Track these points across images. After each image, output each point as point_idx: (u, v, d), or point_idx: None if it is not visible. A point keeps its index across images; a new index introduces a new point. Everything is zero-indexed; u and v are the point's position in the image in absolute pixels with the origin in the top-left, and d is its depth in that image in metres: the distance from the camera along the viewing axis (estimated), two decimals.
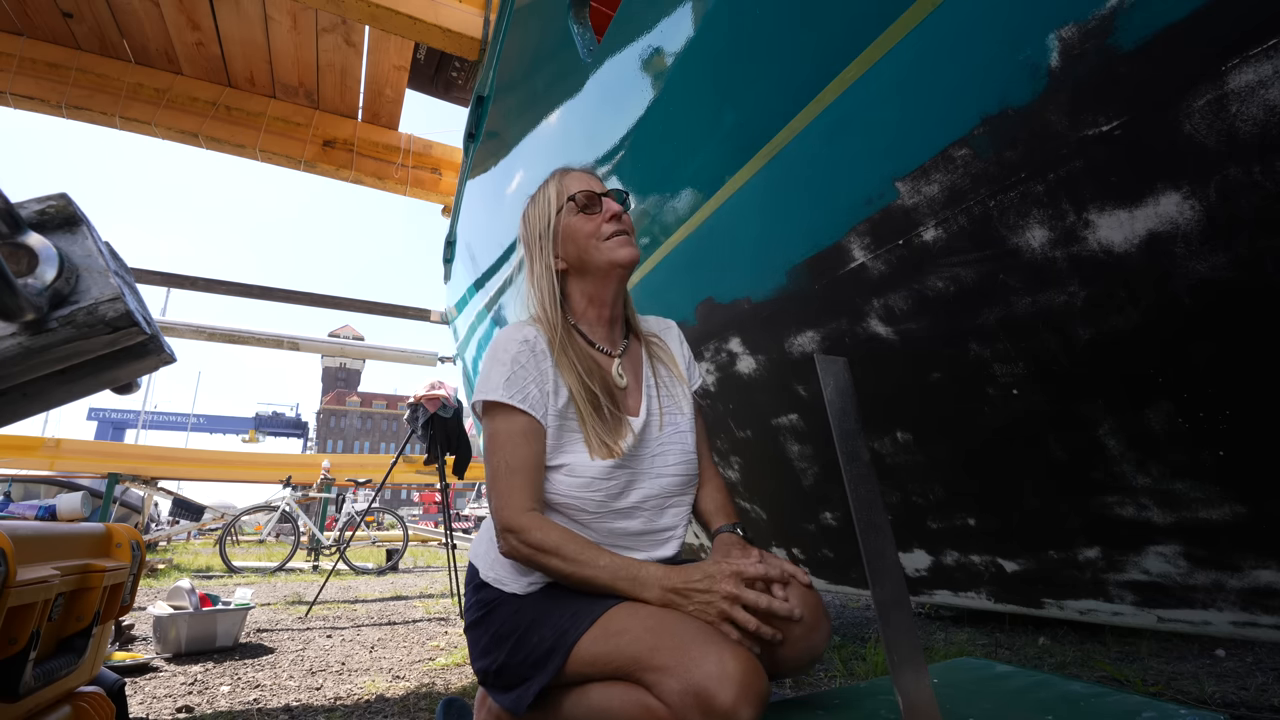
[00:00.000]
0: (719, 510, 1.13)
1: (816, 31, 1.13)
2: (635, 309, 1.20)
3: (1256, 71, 0.69)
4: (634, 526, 1.04)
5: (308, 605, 3.81)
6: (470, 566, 1.08)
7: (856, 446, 0.72)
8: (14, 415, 0.70)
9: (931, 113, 1.00)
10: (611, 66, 1.76)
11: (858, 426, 0.73)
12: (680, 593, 0.88)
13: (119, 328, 0.62)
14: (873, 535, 0.69)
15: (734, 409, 1.80)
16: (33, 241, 0.59)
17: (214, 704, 1.88)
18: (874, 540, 0.69)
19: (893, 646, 0.67)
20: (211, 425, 58.05)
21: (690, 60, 1.44)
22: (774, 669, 0.93)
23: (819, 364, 0.75)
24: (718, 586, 0.86)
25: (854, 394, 0.75)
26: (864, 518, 0.69)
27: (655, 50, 1.56)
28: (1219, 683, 2.11)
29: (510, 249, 2.89)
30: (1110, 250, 0.88)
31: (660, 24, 1.50)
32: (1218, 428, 0.88)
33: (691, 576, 0.88)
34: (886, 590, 0.69)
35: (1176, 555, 1.01)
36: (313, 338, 7.98)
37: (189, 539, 10.95)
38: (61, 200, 0.63)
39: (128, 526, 1.18)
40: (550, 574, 0.94)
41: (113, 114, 4.99)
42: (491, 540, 1.04)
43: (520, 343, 1.02)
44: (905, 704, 0.66)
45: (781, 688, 1.98)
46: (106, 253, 0.65)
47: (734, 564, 0.89)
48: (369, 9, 3.69)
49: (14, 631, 0.80)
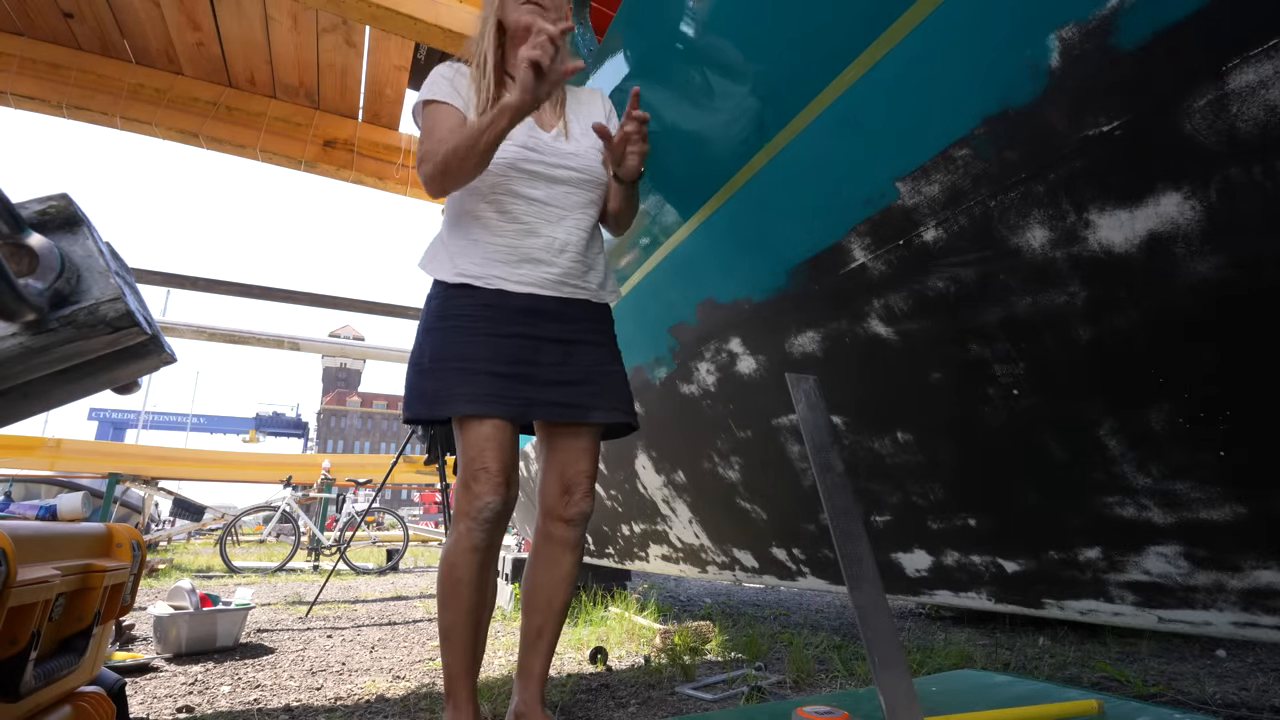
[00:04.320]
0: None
1: (817, 32, 1.13)
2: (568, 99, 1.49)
3: (1257, 71, 0.69)
4: (537, 194, 1.33)
5: (308, 605, 3.82)
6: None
7: (830, 458, 0.73)
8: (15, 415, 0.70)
9: (932, 113, 1.00)
10: (611, 66, 1.76)
11: (830, 439, 0.75)
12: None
13: (119, 328, 0.62)
14: (849, 542, 0.70)
15: (734, 409, 1.80)
16: (34, 241, 0.59)
17: (214, 704, 1.88)
18: (851, 547, 0.70)
19: (874, 649, 0.68)
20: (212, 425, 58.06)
21: (690, 60, 1.44)
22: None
23: (790, 382, 0.77)
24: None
25: (825, 408, 0.77)
26: (840, 526, 0.70)
27: (655, 50, 1.56)
28: (1219, 683, 2.10)
29: None
30: (1111, 250, 0.88)
31: (660, 24, 1.50)
32: (1218, 428, 0.88)
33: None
34: (865, 595, 0.69)
35: (1177, 555, 1.01)
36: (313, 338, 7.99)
37: (189, 539, 10.95)
38: (62, 200, 0.63)
39: (128, 526, 1.18)
40: (454, 163, 1.21)
41: (113, 114, 4.99)
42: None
43: (446, 66, 1.40)
44: (887, 704, 0.66)
45: (783, 689, 1.98)
46: (107, 253, 0.65)
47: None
48: (369, 9, 3.69)
49: (14, 631, 0.80)
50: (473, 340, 1.27)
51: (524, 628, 1.38)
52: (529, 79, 1.13)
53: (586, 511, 1.38)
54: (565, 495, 1.37)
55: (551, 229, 1.34)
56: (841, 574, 1.92)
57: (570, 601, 1.42)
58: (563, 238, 1.34)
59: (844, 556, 0.70)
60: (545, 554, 1.38)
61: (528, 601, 1.38)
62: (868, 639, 0.69)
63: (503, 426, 1.27)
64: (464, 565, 1.24)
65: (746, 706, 1.39)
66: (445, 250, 1.36)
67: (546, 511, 1.40)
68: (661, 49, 1.53)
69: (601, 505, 2.98)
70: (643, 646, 2.64)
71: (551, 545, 1.38)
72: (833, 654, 2.43)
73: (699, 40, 1.41)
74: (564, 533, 1.37)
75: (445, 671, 1.26)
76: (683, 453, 2.15)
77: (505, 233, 1.33)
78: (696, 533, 2.30)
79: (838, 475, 0.72)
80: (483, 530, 1.24)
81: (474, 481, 1.24)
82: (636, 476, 2.50)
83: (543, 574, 1.38)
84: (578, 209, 1.37)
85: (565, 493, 1.37)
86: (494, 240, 1.33)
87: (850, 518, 0.72)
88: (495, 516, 1.25)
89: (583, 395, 1.34)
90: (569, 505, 1.37)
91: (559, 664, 2.39)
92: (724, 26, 1.34)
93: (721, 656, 2.48)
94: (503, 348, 1.28)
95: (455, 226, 1.38)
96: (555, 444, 1.39)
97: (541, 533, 1.41)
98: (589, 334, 1.39)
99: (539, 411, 1.30)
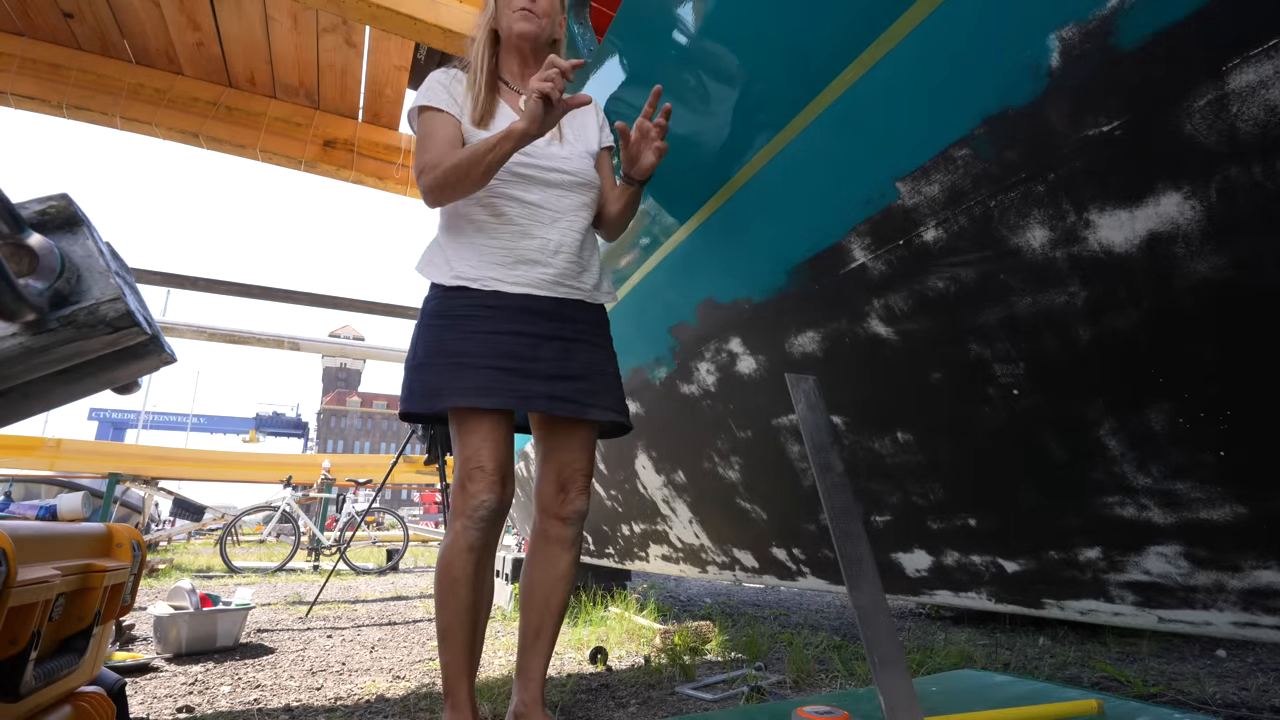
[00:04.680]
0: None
1: (817, 32, 1.13)
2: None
3: (1257, 71, 0.69)
4: (531, 197, 1.36)
5: (308, 605, 3.81)
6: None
7: (830, 458, 0.74)
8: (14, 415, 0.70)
9: (932, 113, 1.00)
10: (611, 67, 1.76)
11: (830, 439, 0.74)
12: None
13: (119, 328, 0.62)
14: (849, 543, 0.70)
15: (734, 409, 1.80)
16: (34, 242, 0.59)
17: (214, 704, 1.88)
18: (850, 547, 0.70)
19: (873, 649, 0.68)
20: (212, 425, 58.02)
21: (690, 60, 1.44)
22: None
23: (789, 382, 0.77)
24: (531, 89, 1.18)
25: (825, 408, 0.77)
26: (840, 526, 0.70)
27: (655, 50, 1.56)
28: (1220, 683, 2.10)
29: None
30: (1111, 250, 0.88)
31: (660, 24, 1.50)
32: (1219, 428, 0.88)
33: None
34: (865, 595, 0.69)
35: (1177, 555, 1.01)
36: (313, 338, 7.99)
37: (189, 539, 10.95)
38: (62, 200, 0.63)
39: (128, 526, 1.18)
40: (454, 179, 1.25)
41: (113, 114, 4.98)
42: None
43: (442, 73, 1.42)
44: (887, 704, 0.66)
45: (783, 689, 1.98)
46: (107, 253, 0.65)
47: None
48: (369, 9, 3.69)
49: (14, 632, 0.80)
50: (469, 337, 1.29)
51: (522, 628, 1.38)
52: (538, 110, 1.17)
53: (583, 509, 1.39)
54: (561, 493, 1.38)
55: (545, 231, 1.36)
56: (841, 574, 1.92)
57: (569, 601, 1.42)
58: (556, 239, 1.37)
59: (843, 557, 0.70)
60: (543, 553, 1.39)
61: (526, 601, 1.38)
62: (867, 639, 0.69)
63: (498, 424, 1.28)
64: (460, 565, 1.24)
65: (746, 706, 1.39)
66: (442, 254, 1.38)
67: (544, 510, 1.40)
68: (661, 48, 1.53)
69: (601, 505, 2.98)
70: (643, 646, 2.64)
71: (549, 544, 1.38)
72: (833, 654, 2.43)
73: (699, 39, 1.41)
74: (561, 531, 1.37)
75: (443, 671, 1.27)
76: (683, 453, 2.15)
77: (500, 235, 1.34)
78: (696, 533, 2.30)
79: (837, 475, 0.72)
80: (479, 529, 1.24)
81: (469, 480, 1.25)
82: (636, 476, 2.50)
83: (540, 573, 1.38)
84: (571, 211, 1.40)
85: (561, 490, 1.38)
86: (489, 243, 1.34)
87: (850, 518, 0.72)
88: (491, 515, 1.25)
89: (582, 391, 1.34)
90: (565, 503, 1.38)
91: (559, 664, 2.40)
92: (724, 26, 1.34)
93: (721, 656, 2.48)
94: (500, 344, 1.29)
95: (451, 231, 1.39)
96: (552, 440, 1.40)
97: (539, 532, 1.41)
98: (588, 335, 1.40)
99: (539, 404, 1.30)
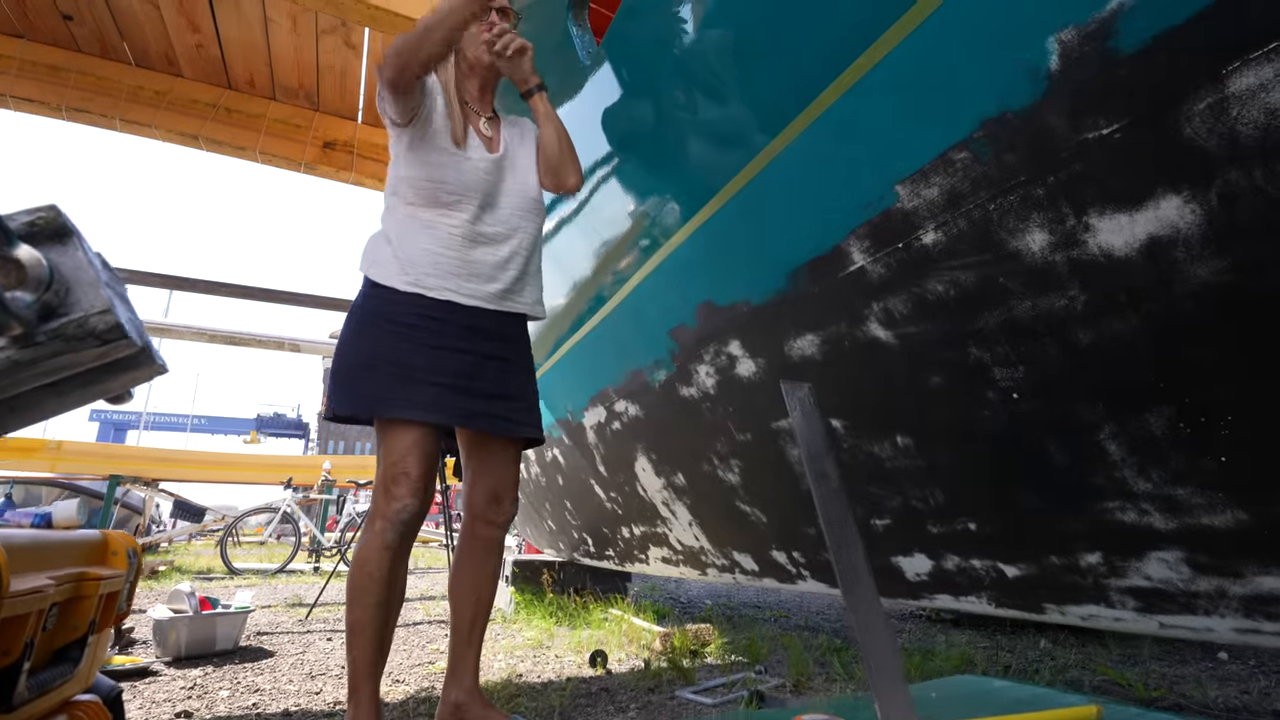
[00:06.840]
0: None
1: (816, 34, 1.12)
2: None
3: (1257, 74, 0.68)
4: (483, 212, 1.42)
5: (308, 608, 3.81)
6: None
7: (825, 466, 0.73)
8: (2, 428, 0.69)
9: (931, 116, 1.00)
10: (610, 68, 1.76)
11: (825, 447, 0.74)
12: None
13: (109, 340, 0.62)
14: (845, 551, 0.70)
15: (734, 412, 1.79)
16: (22, 254, 0.58)
17: (213, 709, 1.88)
18: (846, 556, 0.70)
19: (869, 655, 0.68)
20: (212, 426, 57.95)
21: (690, 62, 1.44)
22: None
23: (785, 390, 0.76)
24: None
25: (820, 416, 0.76)
26: (835, 534, 0.70)
27: (654, 52, 1.56)
28: (1221, 686, 2.10)
29: None
30: (1110, 254, 0.87)
31: (659, 26, 1.50)
32: (1220, 433, 0.87)
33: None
34: (861, 601, 0.69)
35: (1178, 561, 1.00)
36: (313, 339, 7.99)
37: (190, 541, 10.96)
38: (51, 212, 0.63)
39: (124, 533, 1.18)
40: (412, 48, 1.28)
41: (113, 116, 4.99)
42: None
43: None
44: (882, 709, 0.66)
45: (783, 692, 1.97)
46: (98, 264, 0.64)
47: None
48: (369, 11, 3.69)
49: (7, 642, 0.79)
50: (414, 349, 1.33)
51: (455, 623, 1.44)
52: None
53: (514, 515, 1.51)
54: (495, 503, 1.48)
55: (496, 247, 1.43)
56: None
57: (495, 595, 1.54)
58: (506, 253, 1.44)
59: (839, 565, 0.70)
60: (472, 555, 1.48)
61: (457, 598, 1.46)
62: (864, 645, 0.69)
63: (428, 435, 1.35)
64: (376, 562, 1.30)
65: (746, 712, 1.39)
66: (392, 254, 1.40)
67: (475, 515, 1.49)
68: (661, 51, 1.52)
69: (601, 507, 2.98)
70: (642, 649, 2.63)
71: (478, 546, 1.48)
72: (833, 657, 2.43)
73: (698, 42, 1.41)
74: (492, 534, 1.48)
75: (349, 669, 1.29)
76: (682, 455, 2.14)
77: (454, 245, 1.39)
78: (696, 535, 2.29)
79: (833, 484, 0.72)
80: (396, 532, 1.31)
81: (394, 485, 1.31)
82: (636, 479, 2.49)
83: (471, 574, 1.47)
84: (520, 229, 1.47)
85: (495, 500, 1.48)
86: (444, 251, 1.38)
87: (846, 526, 0.72)
88: (411, 519, 1.32)
89: (515, 410, 1.44)
90: (499, 511, 1.48)
91: (559, 667, 2.39)
92: (723, 29, 1.34)
93: (721, 659, 2.48)
94: (443, 360, 1.35)
95: (402, 232, 1.41)
96: (486, 453, 1.49)
97: (468, 535, 1.49)
98: (520, 355, 1.50)
99: (481, 422, 1.38)
